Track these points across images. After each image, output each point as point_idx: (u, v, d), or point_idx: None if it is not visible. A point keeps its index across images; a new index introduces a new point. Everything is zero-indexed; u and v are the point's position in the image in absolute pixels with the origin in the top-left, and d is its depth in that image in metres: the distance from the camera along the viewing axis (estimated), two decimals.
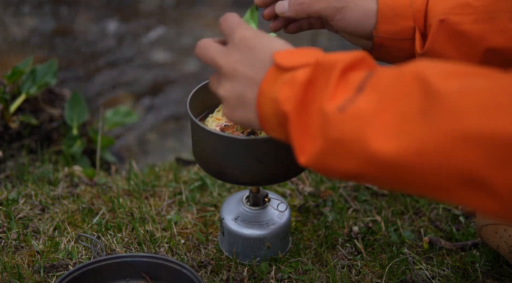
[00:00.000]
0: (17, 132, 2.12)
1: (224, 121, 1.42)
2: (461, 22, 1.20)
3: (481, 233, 1.49)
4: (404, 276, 1.48)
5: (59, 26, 3.36)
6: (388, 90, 0.88)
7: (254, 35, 1.06)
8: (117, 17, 3.47)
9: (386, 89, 0.88)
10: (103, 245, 1.51)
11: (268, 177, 1.34)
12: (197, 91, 1.40)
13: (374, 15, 1.24)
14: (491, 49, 1.19)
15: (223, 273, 1.48)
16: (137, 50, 3.27)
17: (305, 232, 1.61)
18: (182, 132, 2.77)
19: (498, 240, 1.45)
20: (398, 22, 1.23)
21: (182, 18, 3.48)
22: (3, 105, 2.06)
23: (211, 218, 1.66)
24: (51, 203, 1.72)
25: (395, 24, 1.23)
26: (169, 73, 3.14)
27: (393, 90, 0.87)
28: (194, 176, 1.83)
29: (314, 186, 1.78)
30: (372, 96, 0.88)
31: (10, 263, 1.49)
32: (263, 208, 1.49)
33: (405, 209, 1.70)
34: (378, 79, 0.90)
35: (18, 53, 3.11)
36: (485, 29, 1.19)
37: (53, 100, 2.32)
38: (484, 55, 1.20)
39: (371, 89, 0.89)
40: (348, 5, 1.24)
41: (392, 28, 1.24)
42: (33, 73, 2.12)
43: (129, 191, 1.77)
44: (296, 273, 1.49)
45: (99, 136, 2.08)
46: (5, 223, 1.62)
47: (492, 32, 1.18)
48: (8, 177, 1.89)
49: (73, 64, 3.09)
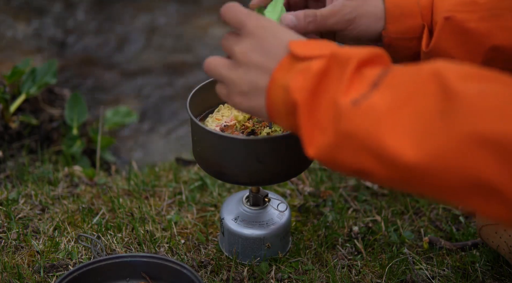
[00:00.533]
0: (17, 132, 2.12)
1: (224, 122, 1.42)
2: (466, 19, 1.19)
3: (481, 233, 1.49)
4: (404, 276, 1.48)
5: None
6: (404, 88, 0.87)
7: (268, 24, 1.06)
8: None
9: (402, 88, 0.87)
10: (103, 245, 1.51)
11: (268, 177, 1.34)
12: (197, 91, 1.40)
13: (383, 17, 1.24)
14: (495, 47, 1.19)
15: (223, 273, 1.48)
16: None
17: (305, 232, 1.61)
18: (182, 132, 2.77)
19: (498, 240, 1.45)
20: (406, 20, 1.22)
21: None
22: (3, 105, 2.06)
23: (211, 218, 1.66)
24: (51, 203, 1.72)
25: (403, 23, 1.23)
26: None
27: (409, 88, 0.86)
28: (194, 176, 1.83)
29: (314, 186, 1.78)
30: (387, 94, 0.87)
31: (10, 263, 1.49)
32: (263, 208, 1.49)
33: (405, 209, 1.70)
34: (394, 77, 0.89)
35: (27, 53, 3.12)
36: (490, 27, 1.18)
37: (53, 100, 2.32)
38: (488, 53, 1.20)
39: (387, 87, 0.88)
40: (358, 14, 1.23)
41: (400, 27, 1.23)
42: (33, 73, 2.13)
43: (129, 191, 1.78)
44: (296, 273, 1.49)
45: (99, 136, 2.08)
46: (5, 223, 1.62)
47: (497, 30, 1.18)
48: (8, 177, 1.89)
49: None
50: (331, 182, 1.80)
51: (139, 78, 3.04)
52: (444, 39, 1.20)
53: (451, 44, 1.20)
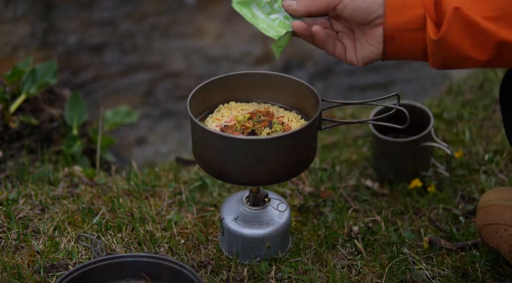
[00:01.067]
0: (17, 132, 2.12)
1: (224, 122, 1.42)
2: (473, 14, 1.19)
3: (481, 233, 1.49)
4: (404, 276, 1.48)
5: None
6: None
7: None
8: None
9: None
10: (103, 245, 1.51)
11: (268, 177, 1.34)
12: (197, 91, 1.40)
13: (382, 4, 1.24)
14: (502, 43, 1.19)
15: (223, 273, 1.48)
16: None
17: (305, 232, 1.61)
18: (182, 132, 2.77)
19: (498, 240, 1.45)
20: (406, 12, 1.23)
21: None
22: (3, 105, 2.06)
23: (211, 218, 1.66)
24: (51, 203, 1.72)
25: (404, 15, 1.23)
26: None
27: None
28: (194, 176, 1.83)
29: (314, 186, 1.78)
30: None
31: (10, 263, 1.49)
32: (263, 208, 1.49)
33: (405, 209, 1.70)
34: None
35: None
36: (497, 24, 1.18)
37: (53, 100, 2.32)
38: (497, 46, 1.19)
39: None
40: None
41: (401, 19, 1.23)
42: (33, 73, 2.13)
43: (129, 191, 1.78)
44: (296, 273, 1.49)
45: (99, 136, 2.08)
46: (5, 223, 1.62)
47: (504, 28, 1.18)
48: (8, 177, 1.89)
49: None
50: (331, 182, 1.80)
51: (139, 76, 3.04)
52: (455, 28, 1.20)
53: (460, 35, 1.20)
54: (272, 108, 1.47)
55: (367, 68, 3.05)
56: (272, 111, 1.46)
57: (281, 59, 3.14)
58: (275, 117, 1.45)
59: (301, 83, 1.43)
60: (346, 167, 1.87)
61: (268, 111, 1.46)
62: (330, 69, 3.08)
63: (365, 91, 2.95)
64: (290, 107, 1.48)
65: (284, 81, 1.45)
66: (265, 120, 1.43)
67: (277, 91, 1.47)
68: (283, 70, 2.99)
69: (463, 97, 2.21)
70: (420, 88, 2.88)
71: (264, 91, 1.48)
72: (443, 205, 1.69)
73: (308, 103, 1.42)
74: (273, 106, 1.48)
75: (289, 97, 1.47)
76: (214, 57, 3.14)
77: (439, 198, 1.71)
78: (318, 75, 3.05)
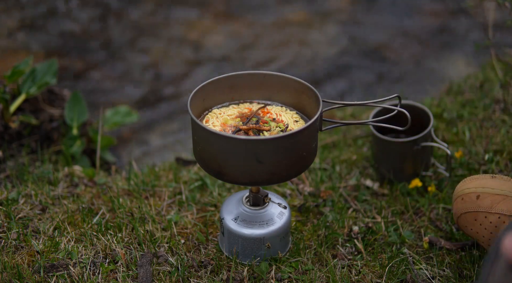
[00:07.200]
0: (17, 132, 2.12)
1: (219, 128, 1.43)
2: None
3: (459, 221, 1.49)
4: (404, 276, 1.49)
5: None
6: None
7: None
8: None
9: None
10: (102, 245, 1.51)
11: (268, 177, 1.34)
12: (198, 91, 1.40)
13: None
14: None
15: (223, 273, 1.48)
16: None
17: (305, 232, 1.61)
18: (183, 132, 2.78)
19: (477, 228, 1.46)
20: None
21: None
22: (3, 105, 2.06)
23: (211, 218, 1.66)
24: (51, 203, 1.72)
25: None
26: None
27: None
28: (194, 176, 1.83)
29: (314, 186, 1.78)
30: None
31: (10, 263, 1.49)
32: (263, 208, 1.49)
33: (405, 209, 1.70)
34: None
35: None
36: None
37: (53, 100, 2.32)
38: None
39: None
40: None
41: None
42: (33, 73, 2.13)
43: (129, 191, 1.78)
44: (296, 273, 1.49)
45: (99, 136, 2.08)
46: (5, 223, 1.62)
47: None
48: (8, 177, 1.89)
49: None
50: (331, 182, 1.80)
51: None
52: None
53: None
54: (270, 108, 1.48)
55: (368, 68, 3.06)
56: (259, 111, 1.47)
57: (282, 59, 3.15)
58: (266, 115, 1.46)
59: (302, 83, 1.43)
60: (346, 166, 1.87)
61: (251, 110, 1.47)
62: (329, 72, 3.09)
63: (366, 91, 2.95)
64: (291, 107, 1.48)
65: (285, 81, 1.45)
66: (259, 118, 1.44)
67: (278, 91, 1.48)
68: (283, 70, 2.99)
69: (463, 97, 2.21)
70: (420, 88, 2.89)
71: (265, 91, 1.48)
72: (443, 205, 1.69)
73: (309, 103, 1.42)
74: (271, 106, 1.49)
75: (290, 97, 1.47)
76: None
77: (439, 197, 1.71)
78: (318, 75, 3.06)
